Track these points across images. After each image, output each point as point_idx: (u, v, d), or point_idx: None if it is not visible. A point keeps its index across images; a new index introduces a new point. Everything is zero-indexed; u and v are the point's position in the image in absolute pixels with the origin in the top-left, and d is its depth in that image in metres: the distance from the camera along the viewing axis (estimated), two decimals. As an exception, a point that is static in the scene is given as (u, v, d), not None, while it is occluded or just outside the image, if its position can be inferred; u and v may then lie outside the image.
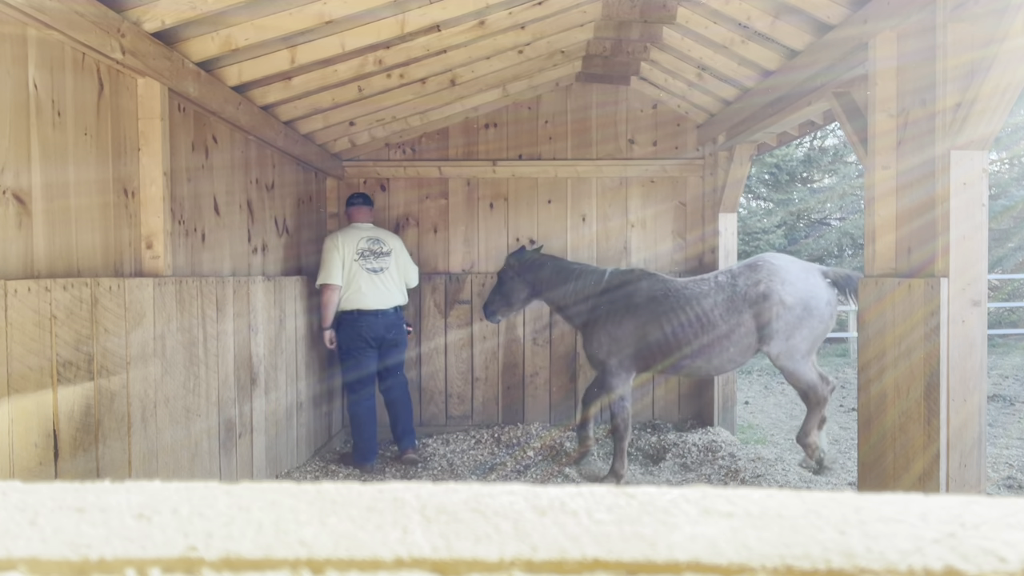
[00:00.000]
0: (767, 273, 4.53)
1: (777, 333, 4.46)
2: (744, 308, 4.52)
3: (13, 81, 2.29)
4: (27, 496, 0.45)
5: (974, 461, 2.80)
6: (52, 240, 2.47)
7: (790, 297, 4.44)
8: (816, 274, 4.59)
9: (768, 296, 4.46)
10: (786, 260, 4.64)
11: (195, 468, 3.38)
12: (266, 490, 0.46)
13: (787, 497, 0.45)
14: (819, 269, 4.66)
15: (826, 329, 4.55)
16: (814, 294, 4.47)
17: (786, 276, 4.49)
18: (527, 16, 4.18)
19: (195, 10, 2.93)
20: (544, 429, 5.99)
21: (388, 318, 5.03)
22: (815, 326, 4.47)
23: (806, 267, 4.61)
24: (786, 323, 4.44)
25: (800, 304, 4.44)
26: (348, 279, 4.95)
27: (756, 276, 4.55)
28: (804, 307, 4.44)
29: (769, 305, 4.45)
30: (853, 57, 3.50)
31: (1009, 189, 13.91)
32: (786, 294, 4.44)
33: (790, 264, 4.59)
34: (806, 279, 4.51)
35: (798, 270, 4.56)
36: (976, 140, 2.73)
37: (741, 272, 4.66)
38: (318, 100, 4.53)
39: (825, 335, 4.59)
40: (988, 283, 2.85)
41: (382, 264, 5.04)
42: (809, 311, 4.44)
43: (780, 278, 4.49)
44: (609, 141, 6.23)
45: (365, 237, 5.06)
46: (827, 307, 4.49)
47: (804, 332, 4.46)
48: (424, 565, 0.38)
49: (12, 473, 2.11)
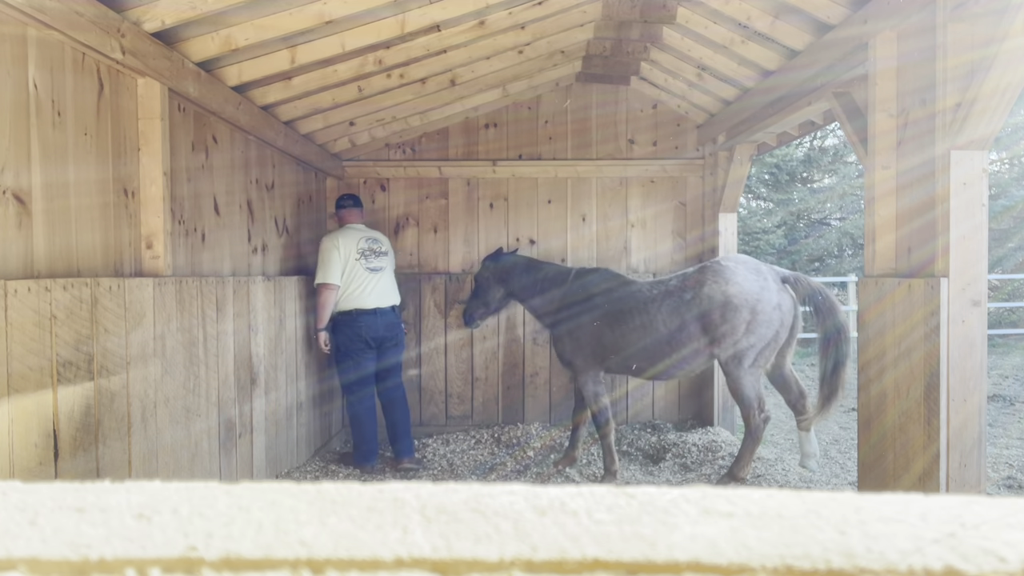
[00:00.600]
0: (713, 275, 4.41)
1: (724, 337, 4.32)
2: (689, 312, 4.41)
3: (13, 81, 2.30)
4: (27, 496, 0.45)
5: (974, 461, 2.80)
6: (52, 240, 2.47)
7: (736, 299, 4.28)
8: (769, 277, 4.42)
9: (713, 298, 4.33)
10: (737, 262, 4.49)
11: (195, 468, 3.38)
12: (266, 490, 0.46)
13: (787, 497, 0.45)
14: (776, 272, 4.51)
15: (777, 335, 4.35)
16: (761, 297, 4.29)
17: (732, 277, 4.34)
18: (527, 16, 4.18)
19: (195, 10, 2.93)
20: (544, 429, 5.98)
21: (387, 317, 5.01)
22: (763, 332, 4.29)
23: (758, 269, 4.45)
24: (732, 326, 4.28)
25: (746, 307, 4.27)
26: (348, 279, 4.94)
27: (702, 278, 4.44)
28: (751, 310, 4.27)
29: (714, 308, 4.32)
30: (853, 57, 3.50)
31: (1009, 189, 13.91)
32: (732, 296, 4.28)
33: (738, 266, 4.44)
34: (754, 281, 4.34)
35: (746, 272, 4.39)
36: (976, 140, 2.73)
37: (691, 275, 4.56)
38: (318, 100, 4.53)
39: (779, 342, 4.39)
40: (988, 283, 2.85)
41: (381, 263, 5.05)
42: (756, 314, 4.27)
43: (725, 279, 4.34)
44: (609, 141, 6.23)
45: (364, 237, 5.05)
46: (776, 311, 4.31)
47: (752, 338, 4.29)
48: (424, 565, 0.38)
49: (12, 473, 2.11)
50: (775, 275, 4.46)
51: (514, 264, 5.27)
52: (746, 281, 4.32)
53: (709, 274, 4.43)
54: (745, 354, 4.32)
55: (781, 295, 4.38)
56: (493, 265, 5.34)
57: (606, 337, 4.68)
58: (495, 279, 5.31)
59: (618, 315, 4.64)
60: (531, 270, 5.19)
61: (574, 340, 4.81)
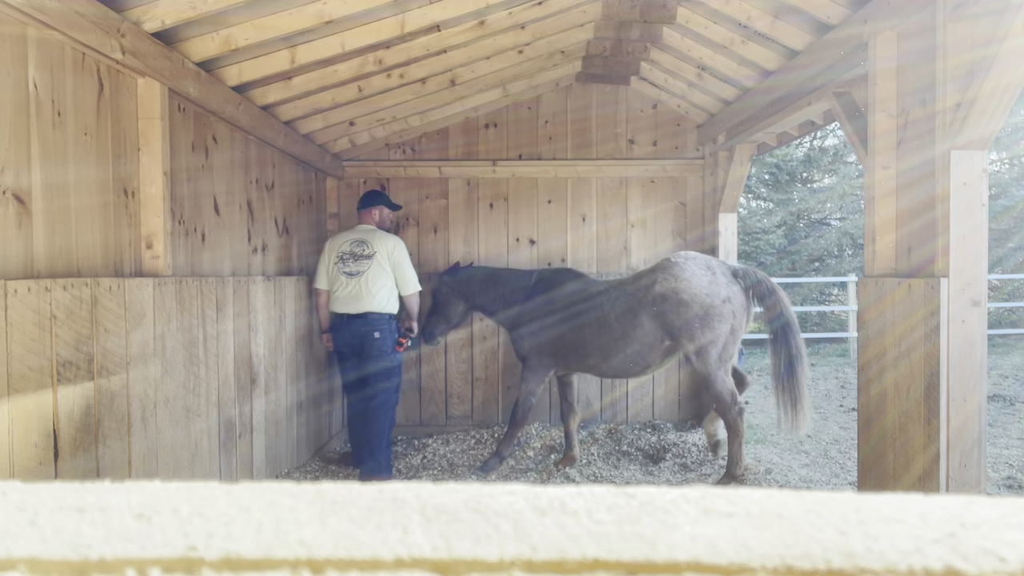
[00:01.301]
0: (664, 273, 4.53)
1: (682, 333, 4.42)
2: (642, 309, 4.51)
3: (13, 81, 2.29)
4: (27, 496, 0.45)
5: (974, 461, 2.80)
6: (52, 240, 2.47)
7: (685, 295, 4.39)
8: (719, 272, 4.51)
9: (665, 296, 4.44)
10: (687, 259, 4.58)
11: (195, 468, 3.38)
12: (266, 490, 0.46)
13: (787, 497, 0.45)
14: (727, 267, 4.59)
15: (734, 329, 4.43)
16: (710, 291, 4.39)
17: (681, 274, 4.45)
18: (527, 16, 4.18)
19: (195, 10, 2.93)
20: (544, 429, 5.98)
21: (355, 325, 4.71)
22: (718, 326, 4.38)
23: (708, 265, 4.53)
24: (686, 322, 4.38)
25: (696, 302, 4.37)
26: (331, 283, 4.88)
27: (654, 276, 4.56)
28: (701, 305, 4.37)
29: (668, 305, 4.43)
30: (853, 57, 3.50)
31: (1009, 189, 13.90)
32: (682, 292, 4.39)
33: (688, 262, 4.53)
34: (703, 276, 4.44)
35: (695, 268, 4.49)
36: (976, 140, 2.73)
37: (644, 273, 4.70)
38: (318, 100, 4.53)
39: (737, 335, 4.48)
40: (988, 283, 2.86)
41: (360, 268, 4.79)
42: (707, 309, 4.37)
43: (675, 276, 4.45)
44: (609, 141, 6.23)
45: (352, 240, 4.90)
46: (726, 304, 4.40)
47: (709, 333, 4.39)
48: (424, 565, 0.38)
49: (12, 473, 2.11)
50: (725, 270, 4.57)
51: (473, 277, 5.33)
52: (694, 277, 4.44)
53: (660, 272, 4.56)
54: (707, 350, 4.41)
55: (731, 288, 4.47)
56: (452, 280, 5.37)
57: (565, 336, 4.81)
58: (455, 293, 5.36)
59: (576, 315, 4.78)
60: (492, 281, 5.26)
61: (533, 336, 4.95)
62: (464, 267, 5.48)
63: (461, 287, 5.33)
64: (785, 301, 4.51)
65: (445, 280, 5.41)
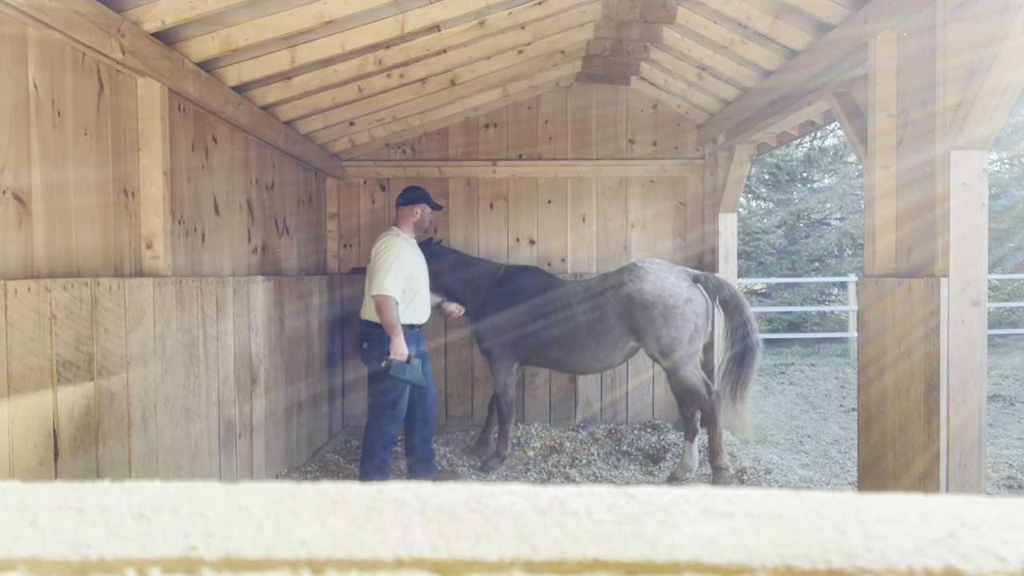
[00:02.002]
0: (629, 275, 4.76)
1: (647, 333, 4.66)
2: (608, 309, 4.74)
3: (13, 81, 2.29)
4: (27, 496, 0.45)
5: (974, 461, 2.80)
6: (52, 240, 2.47)
7: (649, 296, 4.63)
8: (680, 276, 4.77)
9: (631, 297, 4.67)
10: (650, 263, 4.84)
11: (195, 468, 3.38)
12: (266, 490, 0.46)
13: (787, 497, 0.45)
14: (688, 273, 4.85)
15: (696, 328, 4.68)
16: (672, 292, 4.64)
17: (645, 276, 4.70)
18: (527, 16, 4.18)
19: (195, 10, 2.93)
20: (544, 429, 5.99)
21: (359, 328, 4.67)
22: (681, 324, 4.62)
23: (670, 269, 4.81)
24: (650, 320, 4.62)
25: (660, 303, 4.61)
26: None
27: (620, 278, 4.79)
28: (664, 305, 4.61)
29: (633, 306, 4.66)
30: (853, 57, 3.50)
31: (1009, 189, 13.90)
32: (646, 292, 4.64)
33: (652, 266, 4.79)
34: (664, 279, 4.69)
35: (659, 271, 4.74)
36: (976, 140, 2.73)
37: (610, 275, 4.92)
38: (318, 100, 4.53)
39: (699, 334, 4.72)
40: (988, 283, 2.86)
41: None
42: (669, 309, 4.61)
43: (640, 279, 4.70)
44: (609, 141, 6.23)
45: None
46: (687, 305, 4.64)
47: (672, 331, 4.62)
48: (424, 565, 0.38)
49: (12, 473, 2.11)
50: (686, 275, 4.83)
51: (443, 254, 5.39)
52: (657, 279, 4.69)
53: (626, 275, 4.80)
54: (673, 348, 4.65)
55: (691, 291, 4.73)
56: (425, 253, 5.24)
57: (529, 331, 4.97)
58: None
59: (542, 311, 4.95)
60: (461, 266, 5.35)
61: (496, 328, 5.06)
62: (435, 243, 5.48)
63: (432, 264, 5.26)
64: (746, 305, 4.74)
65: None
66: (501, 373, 5.11)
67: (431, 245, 5.38)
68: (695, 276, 4.83)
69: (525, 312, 4.98)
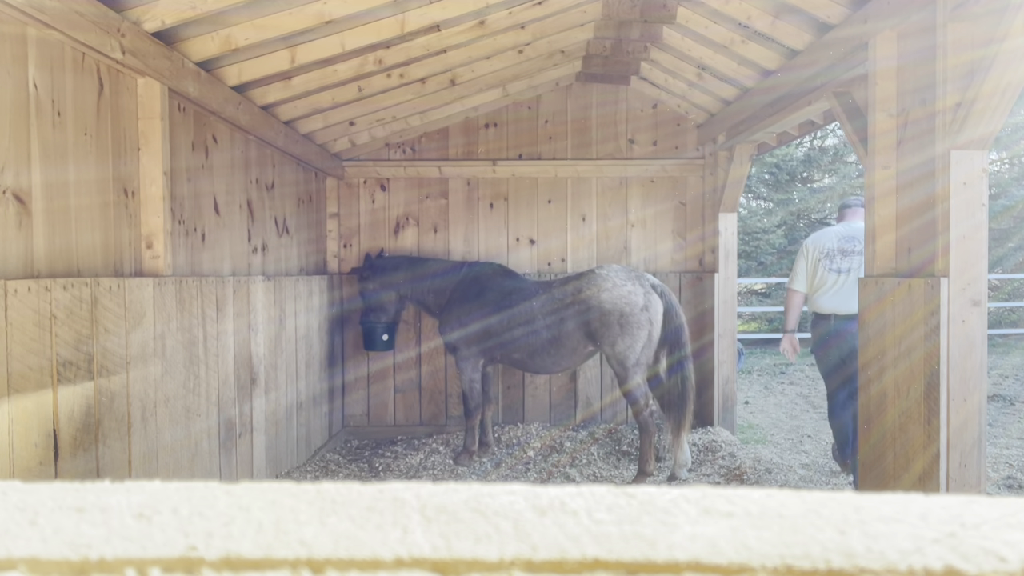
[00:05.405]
0: (588, 282, 4.83)
1: (603, 338, 4.75)
2: (568, 314, 4.83)
3: (13, 81, 2.29)
4: (27, 496, 0.45)
5: (974, 461, 2.80)
6: (52, 240, 2.47)
7: (607, 303, 4.71)
8: (639, 283, 4.82)
9: (588, 302, 4.75)
10: (611, 270, 4.88)
11: (195, 468, 3.38)
12: (266, 490, 0.46)
13: (787, 497, 0.45)
14: (648, 280, 4.88)
15: (651, 336, 4.77)
16: (629, 300, 4.71)
17: (603, 284, 4.76)
18: (527, 16, 4.18)
19: (195, 10, 2.93)
20: (544, 429, 5.98)
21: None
22: (635, 331, 4.71)
23: (629, 276, 4.85)
24: (606, 326, 4.71)
25: (616, 311, 4.69)
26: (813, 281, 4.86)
27: (579, 284, 4.86)
28: (620, 313, 4.69)
29: (591, 312, 4.74)
30: (853, 57, 3.50)
31: (1009, 189, 13.90)
32: (604, 300, 4.71)
33: (611, 273, 4.84)
34: (622, 286, 4.75)
35: (617, 278, 4.79)
36: (976, 140, 2.73)
37: (571, 280, 4.98)
38: (318, 100, 4.52)
39: (653, 341, 4.80)
40: (988, 283, 2.86)
41: (849, 264, 4.73)
42: (625, 317, 4.69)
43: (598, 286, 4.76)
44: (609, 141, 6.23)
45: (839, 236, 4.82)
46: (643, 313, 4.72)
47: (627, 339, 4.71)
48: (424, 565, 0.38)
49: (12, 473, 2.11)
50: (645, 282, 4.87)
51: (396, 263, 5.49)
52: (615, 287, 4.75)
53: (586, 281, 4.87)
54: (626, 355, 4.72)
55: (648, 298, 4.79)
56: (371, 270, 5.51)
57: (494, 330, 5.04)
58: (380, 283, 5.50)
59: (505, 308, 5.03)
60: (419, 272, 5.44)
61: (461, 326, 5.15)
62: (376, 257, 5.59)
63: (387, 278, 5.47)
64: (681, 315, 4.87)
65: (365, 275, 5.55)
66: (467, 371, 5.22)
67: (381, 259, 5.54)
68: (653, 284, 4.86)
69: (489, 313, 5.06)
